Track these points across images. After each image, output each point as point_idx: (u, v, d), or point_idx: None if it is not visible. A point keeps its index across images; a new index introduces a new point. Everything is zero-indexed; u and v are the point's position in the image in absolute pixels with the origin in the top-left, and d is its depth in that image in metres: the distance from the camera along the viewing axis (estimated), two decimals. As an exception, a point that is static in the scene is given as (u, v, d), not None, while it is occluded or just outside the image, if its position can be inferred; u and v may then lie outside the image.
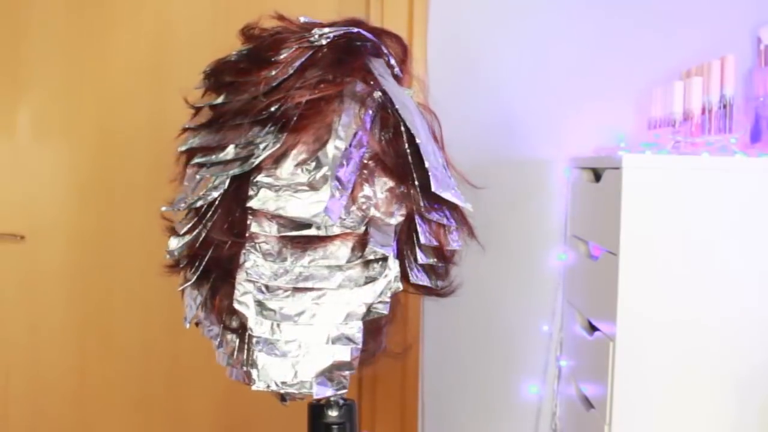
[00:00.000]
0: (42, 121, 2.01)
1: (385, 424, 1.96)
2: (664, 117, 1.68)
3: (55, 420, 2.05)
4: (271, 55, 0.65)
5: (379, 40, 0.70)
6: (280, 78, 0.64)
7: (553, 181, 1.92)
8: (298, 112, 0.63)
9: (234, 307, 0.64)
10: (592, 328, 1.61)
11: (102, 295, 2.03)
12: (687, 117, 1.60)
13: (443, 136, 0.73)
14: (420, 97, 0.75)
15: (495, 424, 1.97)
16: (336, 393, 0.65)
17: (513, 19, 1.91)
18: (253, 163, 0.62)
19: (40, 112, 2.01)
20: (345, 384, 0.66)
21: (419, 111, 0.71)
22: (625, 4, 1.90)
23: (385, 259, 0.65)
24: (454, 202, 0.67)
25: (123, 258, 2.01)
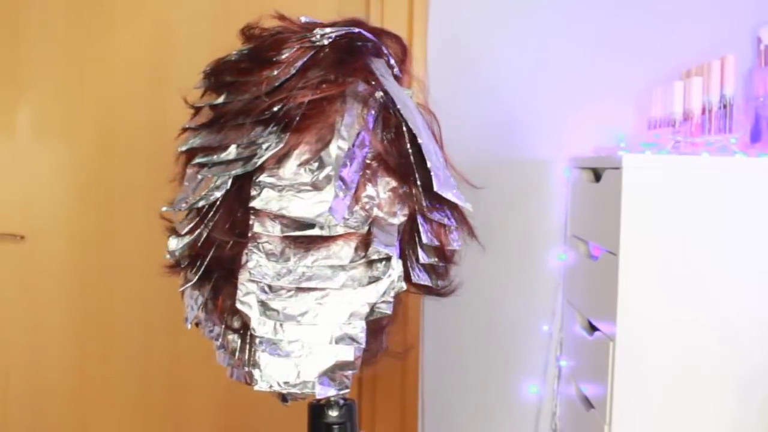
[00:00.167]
0: (42, 121, 2.01)
1: (385, 424, 1.96)
2: (664, 117, 1.68)
3: (55, 420, 2.05)
4: (273, 55, 0.65)
5: (379, 40, 0.70)
6: (282, 78, 0.63)
7: (553, 181, 1.92)
8: (300, 112, 0.63)
9: (236, 308, 0.63)
10: (592, 328, 1.61)
11: (102, 295, 2.03)
12: (687, 117, 1.60)
13: (442, 136, 0.74)
14: (419, 98, 0.75)
15: (495, 424, 1.97)
16: (338, 393, 0.65)
17: (513, 19, 1.91)
18: (256, 164, 0.62)
19: (40, 112, 2.01)
20: (347, 384, 0.66)
21: (419, 111, 0.71)
22: (625, 4, 1.90)
23: (389, 258, 0.65)
24: (456, 202, 0.67)
25: (123, 258, 2.01)
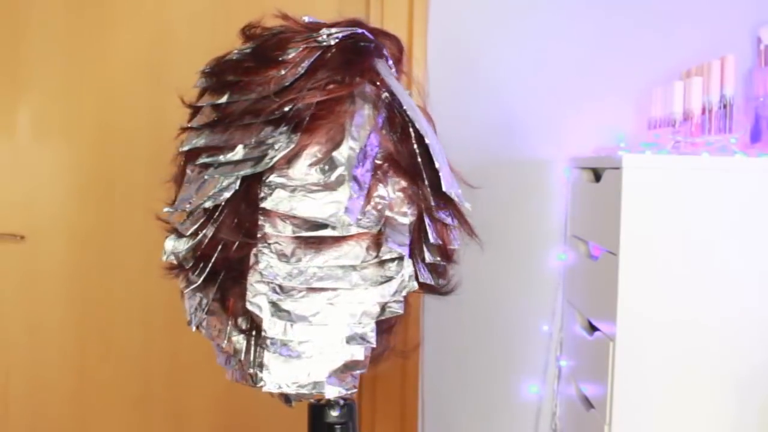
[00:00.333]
0: (42, 121, 2.01)
1: (385, 424, 1.96)
2: (664, 117, 1.68)
3: (55, 420, 2.05)
4: (278, 54, 0.64)
5: (378, 41, 0.71)
6: (291, 78, 0.63)
7: (553, 181, 1.92)
8: (310, 113, 0.63)
9: (246, 309, 0.63)
10: (592, 328, 1.61)
11: (102, 295, 2.03)
12: (687, 117, 1.60)
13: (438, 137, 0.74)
14: (417, 98, 0.75)
15: (495, 424, 1.97)
16: (347, 393, 0.65)
17: (513, 19, 1.91)
18: (268, 164, 0.62)
19: (40, 112, 2.01)
20: (356, 384, 0.66)
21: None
22: (625, 4, 1.90)
23: (401, 258, 0.65)
24: (459, 202, 0.68)
25: (123, 258, 2.01)
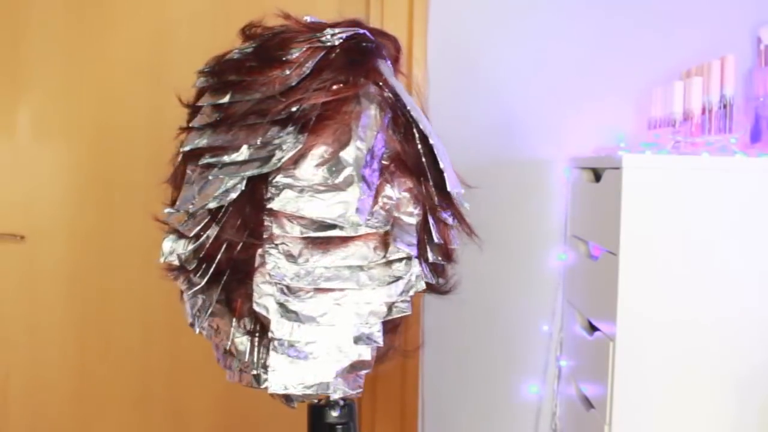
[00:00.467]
0: (42, 121, 2.01)
1: (385, 424, 1.96)
2: (664, 117, 1.68)
3: (55, 419, 2.05)
4: (281, 54, 0.64)
5: (379, 41, 0.71)
6: (296, 78, 0.63)
7: (553, 181, 1.92)
8: (317, 113, 0.62)
9: (251, 310, 0.62)
10: (592, 328, 1.61)
11: (102, 294, 2.03)
12: (687, 117, 1.60)
13: None
14: (415, 99, 0.75)
15: (495, 424, 1.97)
16: (353, 393, 0.65)
17: (513, 19, 1.91)
18: (276, 164, 0.61)
19: (40, 112, 2.01)
20: (361, 384, 0.66)
21: None
22: (625, 4, 1.90)
23: (409, 258, 0.65)
24: (458, 202, 0.68)
25: (123, 258, 2.01)
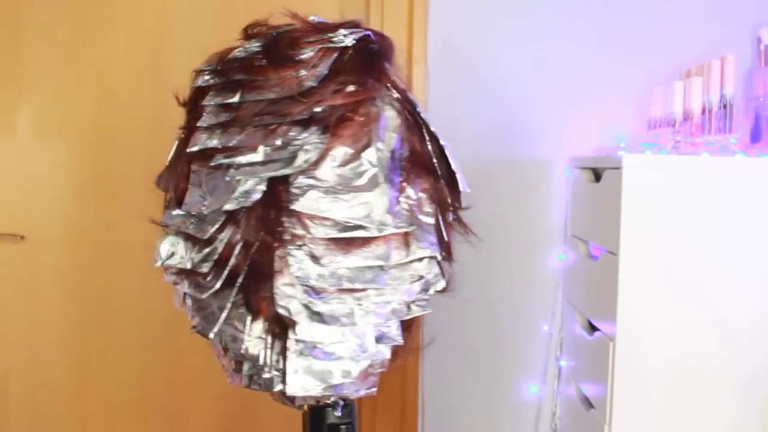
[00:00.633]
0: (42, 121, 2.01)
1: (385, 424, 1.96)
2: (664, 117, 1.68)
3: (54, 419, 2.05)
4: (293, 54, 0.63)
5: (386, 43, 0.71)
6: (313, 79, 0.62)
7: (553, 181, 1.92)
8: (339, 114, 0.62)
9: (274, 312, 0.62)
10: (592, 328, 1.61)
11: (101, 294, 2.03)
12: (687, 117, 1.60)
13: None
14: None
15: (495, 424, 1.97)
16: (368, 393, 0.65)
17: (513, 19, 1.91)
18: (302, 165, 0.60)
19: (40, 112, 2.01)
20: (376, 383, 0.66)
21: None
22: (625, 4, 1.90)
23: (430, 257, 0.66)
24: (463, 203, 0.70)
25: (122, 258, 2.01)
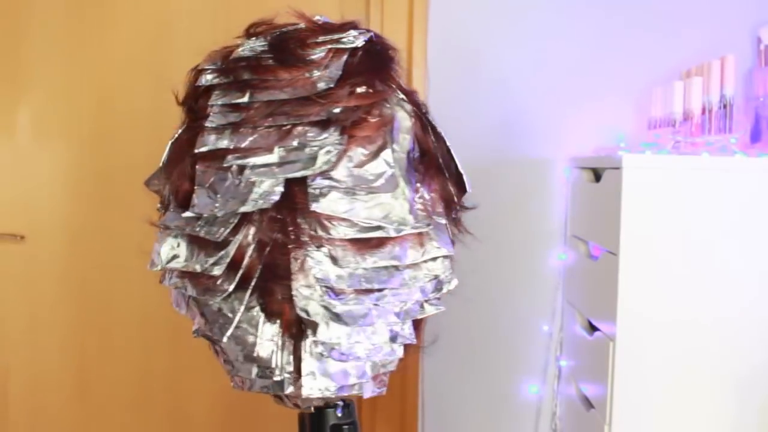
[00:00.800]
0: (42, 122, 2.01)
1: (385, 424, 1.96)
2: (664, 117, 1.68)
3: (55, 419, 2.05)
4: (304, 54, 0.63)
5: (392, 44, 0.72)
6: (327, 80, 0.62)
7: (553, 181, 1.92)
8: (357, 115, 0.62)
9: (288, 313, 0.62)
10: (592, 328, 1.61)
11: (102, 294, 2.03)
12: (687, 117, 1.60)
13: None
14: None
15: (495, 424, 1.97)
16: (379, 392, 0.65)
17: (513, 19, 1.91)
18: (323, 166, 0.60)
19: (40, 112, 2.01)
20: (386, 383, 0.66)
21: None
22: (625, 4, 1.90)
23: (444, 257, 0.66)
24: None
25: (123, 258, 2.01)
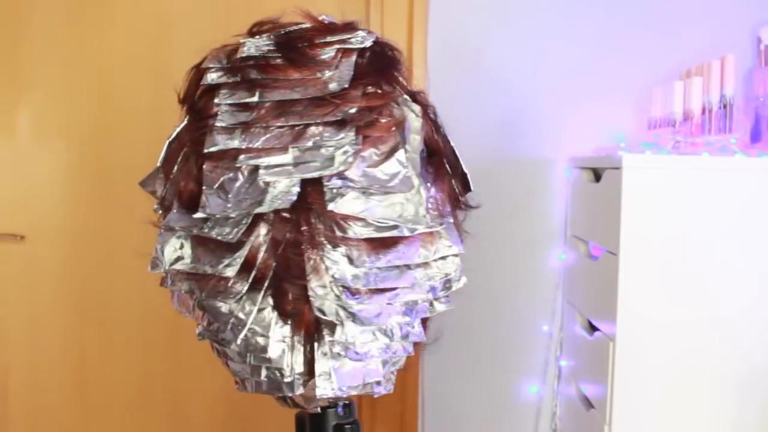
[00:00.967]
0: (42, 121, 2.01)
1: (385, 424, 1.96)
2: (664, 117, 1.68)
3: (55, 419, 2.05)
4: (314, 54, 0.64)
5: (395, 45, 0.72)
6: (340, 81, 0.62)
7: (553, 181, 1.92)
8: (371, 116, 0.63)
9: (304, 313, 0.62)
10: (592, 328, 1.61)
11: (102, 294, 2.03)
12: (687, 117, 1.60)
13: None
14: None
15: (495, 424, 1.97)
16: (387, 391, 0.66)
17: (513, 19, 1.91)
18: (340, 167, 0.60)
19: (40, 112, 2.01)
20: (394, 380, 0.67)
21: None
22: (625, 4, 1.90)
23: (455, 255, 0.67)
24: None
25: (123, 258, 2.01)
